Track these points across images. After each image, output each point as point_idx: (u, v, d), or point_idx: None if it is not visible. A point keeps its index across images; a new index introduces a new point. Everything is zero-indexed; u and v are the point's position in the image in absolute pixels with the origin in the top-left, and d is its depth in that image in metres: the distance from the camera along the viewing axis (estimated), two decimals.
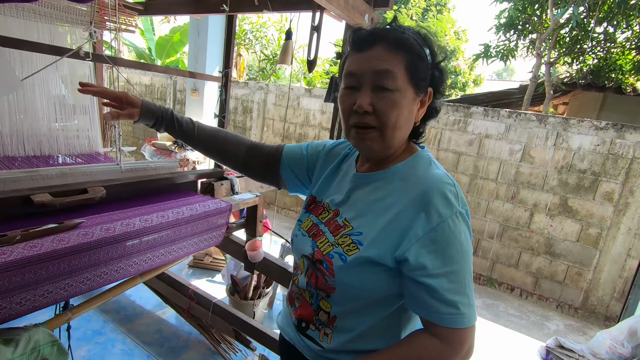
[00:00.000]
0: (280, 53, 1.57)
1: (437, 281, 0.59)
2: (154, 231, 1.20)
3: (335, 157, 0.83)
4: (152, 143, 3.35)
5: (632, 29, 5.29)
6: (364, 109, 0.62)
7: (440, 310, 0.60)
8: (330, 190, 0.78)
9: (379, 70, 0.61)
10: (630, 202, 3.05)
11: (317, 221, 0.75)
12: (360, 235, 0.65)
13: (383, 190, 0.68)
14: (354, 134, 0.66)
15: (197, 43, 3.48)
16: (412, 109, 0.65)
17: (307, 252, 0.72)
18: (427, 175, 0.65)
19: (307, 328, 0.74)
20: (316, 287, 0.70)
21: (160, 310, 2.27)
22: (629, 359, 1.76)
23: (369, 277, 0.64)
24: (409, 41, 0.63)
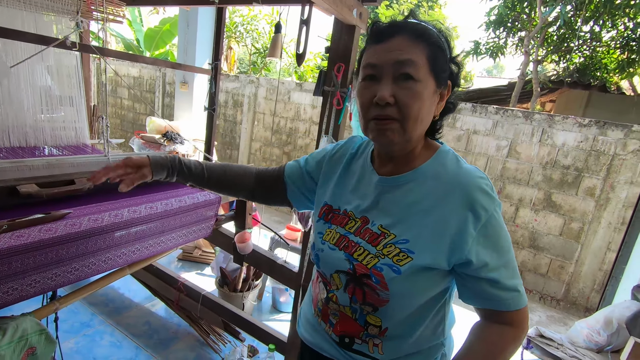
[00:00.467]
0: (270, 46, 1.57)
1: (498, 273, 0.61)
2: (143, 222, 1.21)
3: (340, 160, 0.79)
4: (140, 136, 3.32)
5: (617, 29, 5.40)
6: (385, 100, 0.60)
7: (505, 297, 0.62)
8: (348, 197, 0.74)
9: (401, 60, 0.59)
10: (611, 197, 3.14)
11: (345, 232, 0.70)
12: (407, 243, 0.63)
13: (417, 193, 0.66)
14: (373, 126, 0.63)
15: (187, 35, 3.44)
16: (432, 102, 0.63)
17: (344, 267, 0.68)
18: (461, 172, 0.65)
19: (352, 343, 0.71)
20: (363, 303, 0.67)
21: (149, 303, 2.27)
22: (604, 346, 1.84)
23: (423, 283, 0.64)
24: (429, 31, 0.62)
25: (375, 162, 0.73)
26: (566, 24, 5.39)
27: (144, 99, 6.03)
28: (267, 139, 4.95)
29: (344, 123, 1.42)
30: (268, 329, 1.75)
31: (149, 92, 5.96)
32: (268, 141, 4.94)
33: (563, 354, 1.91)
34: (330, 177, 0.79)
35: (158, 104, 5.84)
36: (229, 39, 7.12)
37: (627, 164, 3.06)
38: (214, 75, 1.71)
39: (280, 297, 2.36)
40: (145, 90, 6.00)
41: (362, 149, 0.79)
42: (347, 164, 0.78)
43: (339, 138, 1.41)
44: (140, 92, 6.07)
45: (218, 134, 5.36)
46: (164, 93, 5.77)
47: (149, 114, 5.92)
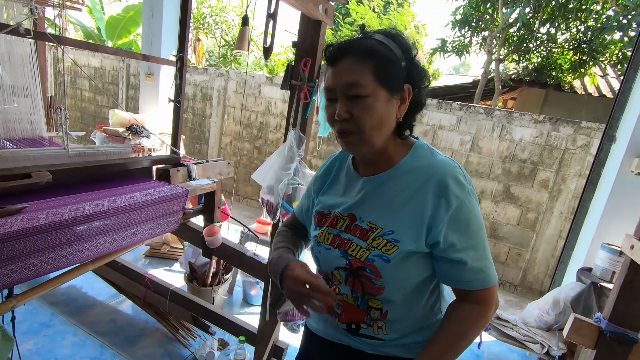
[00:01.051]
0: (237, 39, 1.57)
1: (465, 254, 0.67)
2: (106, 216, 1.18)
3: (329, 172, 0.86)
4: (103, 129, 3.19)
5: (570, 31, 5.75)
6: (342, 117, 0.68)
7: (472, 278, 0.68)
8: (337, 201, 0.80)
9: (348, 82, 0.66)
10: (563, 189, 3.38)
11: (337, 232, 0.76)
12: (393, 234, 0.69)
13: (397, 187, 0.72)
14: (338, 139, 0.72)
15: (152, 25, 3.32)
16: (388, 109, 0.68)
17: (341, 263, 0.74)
18: (435, 162, 0.71)
19: (358, 328, 0.77)
20: (363, 293, 0.73)
21: (114, 300, 2.21)
22: (552, 324, 2.00)
23: (411, 266, 0.70)
24: (374, 48, 0.67)
25: (359, 168, 0.80)
26: (525, 25, 5.68)
27: (106, 90, 5.76)
28: (237, 133, 4.88)
29: (311, 117, 1.45)
30: (238, 321, 1.76)
31: (111, 83, 5.70)
32: (238, 135, 4.88)
33: (517, 334, 2.06)
34: (320, 191, 0.86)
35: (122, 96, 5.60)
36: (197, 31, 6.93)
37: (576, 158, 3.31)
38: (179, 67, 1.68)
39: (251, 290, 2.37)
40: (108, 81, 5.73)
41: (345, 157, 0.86)
42: (336, 173, 0.85)
43: (306, 131, 1.44)
44: (103, 83, 5.79)
45: (186, 128, 5.22)
46: (128, 85, 5.54)
47: (112, 107, 5.66)
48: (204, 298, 2.02)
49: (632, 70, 2.23)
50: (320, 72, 1.41)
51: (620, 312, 1.24)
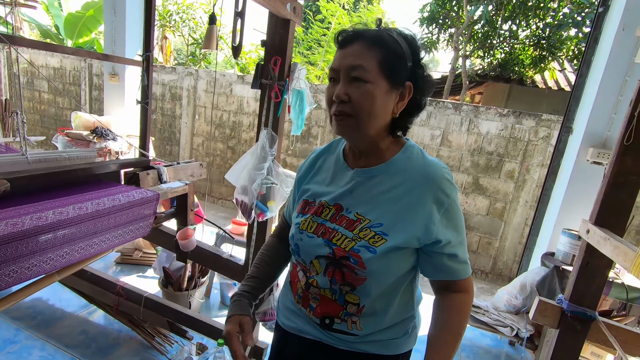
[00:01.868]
0: (205, 38, 1.54)
1: (456, 249, 0.72)
2: (71, 224, 1.13)
3: (313, 165, 0.86)
4: (65, 133, 3.04)
5: (530, 28, 6.03)
6: (340, 98, 0.68)
7: (459, 269, 0.74)
8: (323, 190, 0.80)
9: (353, 65, 0.68)
10: (527, 179, 3.55)
11: (321, 220, 0.76)
12: (381, 227, 0.71)
13: (389, 182, 0.73)
14: (333, 122, 0.72)
15: (114, 22, 3.19)
16: (386, 100, 0.69)
17: (324, 252, 0.74)
18: (426, 163, 0.74)
19: (332, 323, 0.77)
20: (343, 283, 0.73)
21: (84, 311, 2.12)
22: (520, 308, 2.11)
23: (396, 261, 0.72)
24: (384, 38, 0.69)
25: (348, 159, 0.81)
26: (488, 22, 5.90)
27: (67, 92, 5.48)
28: (209, 134, 4.79)
29: (283, 116, 1.45)
30: (216, 324, 1.74)
31: (73, 84, 5.43)
32: (211, 135, 4.79)
33: (488, 319, 2.16)
34: (304, 182, 0.86)
35: (85, 97, 5.34)
36: (164, 28, 6.72)
37: (538, 149, 3.48)
38: (145, 67, 1.63)
39: (228, 292, 2.35)
40: (69, 82, 5.45)
41: (333, 148, 0.86)
42: (321, 163, 0.85)
43: (279, 130, 1.44)
44: (63, 84, 5.51)
45: (156, 130, 5.06)
46: (91, 86, 5.29)
47: (74, 109, 5.40)
48: (180, 303, 1.98)
49: (585, 66, 2.37)
50: (291, 71, 1.41)
51: (579, 292, 1.32)
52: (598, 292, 1.32)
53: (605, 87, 2.17)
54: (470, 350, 2.34)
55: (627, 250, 1.03)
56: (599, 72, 2.21)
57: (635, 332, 1.27)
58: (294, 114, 1.43)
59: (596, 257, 1.28)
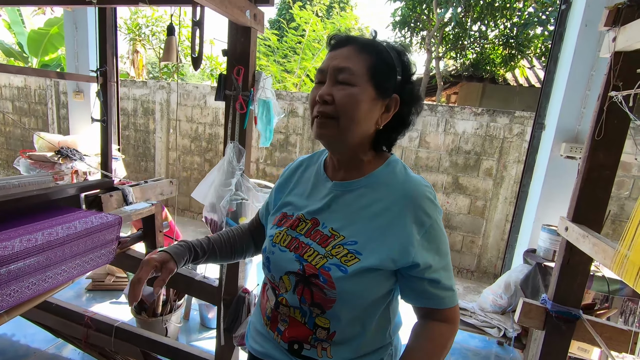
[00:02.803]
0: (164, 50, 1.47)
1: (438, 274, 0.67)
2: (19, 258, 1.03)
3: (294, 174, 0.83)
4: (27, 155, 2.88)
5: (498, 28, 6.19)
6: (323, 98, 0.66)
7: (443, 296, 0.68)
8: (302, 203, 0.77)
9: (341, 67, 0.66)
10: (505, 176, 3.59)
11: (296, 234, 0.72)
12: (355, 245, 0.66)
13: (368, 197, 0.70)
14: (315, 123, 0.69)
15: (76, 38, 3.06)
16: (371, 108, 0.67)
17: (294, 268, 0.69)
18: (409, 179, 0.70)
19: (301, 349, 0.71)
20: (312, 304, 0.68)
21: (51, 346, 1.97)
22: (506, 307, 2.09)
23: (369, 283, 0.67)
24: (377, 46, 0.68)
25: (328, 170, 0.77)
26: (458, 24, 6.03)
27: (33, 112, 5.25)
28: (186, 147, 4.66)
29: (250, 127, 1.39)
30: (194, 350, 1.64)
31: (39, 103, 5.21)
32: (187, 149, 4.67)
33: (475, 321, 2.13)
34: (284, 192, 0.82)
35: (52, 116, 5.13)
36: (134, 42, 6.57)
37: (514, 145, 3.53)
38: (102, 83, 1.54)
39: (208, 313, 2.24)
40: (35, 102, 5.23)
41: (315, 158, 0.83)
42: (301, 173, 0.82)
43: (246, 144, 1.37)
44: (29, 104, 5.28)
45: (129, 146, 4.90)
46: (59, 104, 5.09)
47: (44, 129, 5.17)
48: (155, 330, 1.87)
49: (553, 62, 2.41)
50: (255, 80, 1.35)
51: (562, 291, 1.30)
52: (581, 289, 1.30)
53: (573, 82, 2.20)
54: (459, 353, 2.30)
55: (606, 248, 1.01)
56: (566, 68, 2.24)
57: (620, 328, 1.26)
58: (260, 125, 1.37)
59: (576, 254, 1.26)
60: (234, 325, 1.48)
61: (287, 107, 4.18)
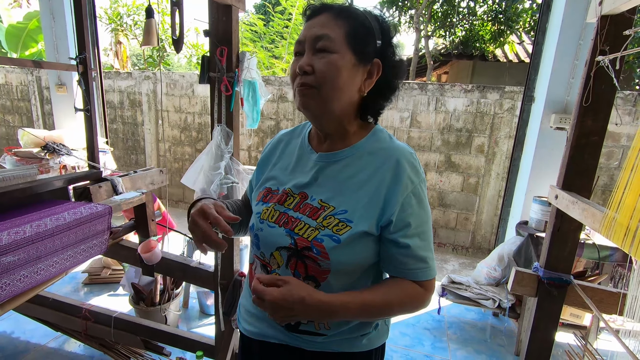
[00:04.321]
0: (144, 33, 1.42)
1: (411, 240, 0.66)
2: (8, 251, 1.02)
3: (276, 148, 0.82)
4: (13, 152, 2.82)
5: (487, 3, 6.11)
6: (303, 69, 0.65)
7: (416, 267, 0.68)
8: (287, 177, 0.76)
9: (319, 35, 0.65)
10: (496, 152, 3.61)
11: (284, 209, 0.71)
12: (345, 213, 0.67)
13: (354, 167, 0.70)
14: (296, 95, 0.68)
15: (54, 29, 2.96)
16: (352, 74, 0.66)
17: (285, 242, 0.69)
18: (393, 146, 0.70)
19: (298, 324, 0.72)
20: (306, 277, 0.68)
21: (50, 340, 1.98)
22: (500, 279, 2.13)
23: (361, 250, 0.67)
24: (352, 11, 0.67)
25: (313, 142, 0.77)
26: (446, 1, 5.94)
27: (16, 109, 5.13)
28: (176, 138, 4.61)
29: (236, 110, 1.37)
30: (194, 336, 1.66)
31: (22, 100, 5.08)
32: (177, 140, 4.61)
33: (471, 294, 2.17)
34: (267, 167, 0.81)
35: (36, 112, 5.02)
36: (116, 33, 6.39)
37: (504, 121, 3.53)
38: (82, 72, 1.49)
39: (207, 300, 2.25)
40: (17, 98, 5.10)
41: (298, 131, 0.82)
42: (284, 146, 0.81)
43: (233, 126, 1.35)
44: (11, 101, 5.15)
45: (118, 139, 4.82)
46: (42, 100, 4.97)
47: (28, 125, 5.06)
48: (154, 319, 1.88)
49: (541, 34, 2.39)
50: (240, 61, 1.32)
51: (553, 258, 1.32)
52: (571, 255, 1.32)
53: (561, 52, 2.19)
54: (457, 326, 2.35)
55: (595, 212, 1.03)
56: (554, 39, 2.23)
57: (609, 291, 1.29)
58: (247, 106, 1.35)
59: (566, 222, 1.28)
60: (232, 309, 1.49)
61: (276, 92, 4.13)
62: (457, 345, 2.16)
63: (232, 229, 0.68)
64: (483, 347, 2.15)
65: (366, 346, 0.75)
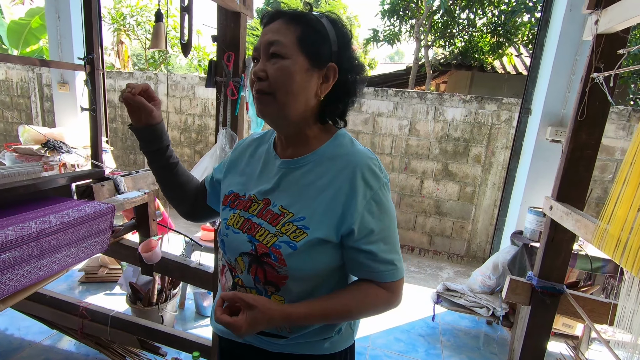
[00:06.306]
0: (152, 36, 1.45)
1: (375, 246, 0.67)
2: (12, 247, 1.03)
3: (245, 151, 0.83)
4: (13, 148, 2.82)
5: (486, 16, 6.21)
6: (257, 74, 0.66)
7: (382, 269, 0.68)
8: (253, 183, 0.76)
9: (271, 40, 0.66)
10: (493, 162, 3.66)
11: (248, 215, 0.72)
12: (303, 220, 0.67)
13: (314, 173, 0.70)
14: (255, 101, 0.69)
15: (59, 27, 2.98)
16: (306, 79, 0.66)
17: (247, 248, 0.70)
18: (353, 151, 0.70)
19: None
20: (265, 282, 0.69)
21: (46, 338, 1.98)
22: (494, 288, 2.16)
23: (319, 257, 0.68)
24: (305, 16, 0.67)
25: (277, 148, 0.77)
26: (447, 11, 6.03)
27: (16, 105, 5.12)
28: (175, 139, 4.62)
29: (241, 114, 1.39)
30: (190, 336, 1.66)
31: (22, 96, 5.08)
32: (177, 141, 4.62)
33: (465, 302, 2.19)
34: (235, 170, 0.82)
35: (36, 109, 5.01)
36: (118, 33, 6.41)
37: (501, 132, 3.59)
38: (90, 72, 1.52)
39: (203, 301, 2.26)
40: (17, 94, 5.10)
41: (267, 136, 0.82)
42: (252, 151, 0.81)
43: (238, 130, 1.38)
44: (11, 97, 5.14)
45: (117, 139, 4.83)
46: (42, 97, 4.97)
47: (27, 122, 5.05)
48: (151, 318, 1.88)
49: (539, 48, 2.45)
50: (246, 66, 1.35)
51: (547, 268, 1.35)
52: (564, 265, 1.35)
53: (558, 67, 2.24)
54: (451, 333, 2.37)
55: (587, 223, 1.06)
56: (551, 54, 2.28)
57: (601, 301, 1.32)
58: (252, 111, 1.38)
59: (560, 232, 1.31)
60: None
61: None
62: (450, 352, 2.18)
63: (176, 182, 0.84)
64: (476, 355, 2.18)
65: (328, 349, 0.76)
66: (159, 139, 0.82)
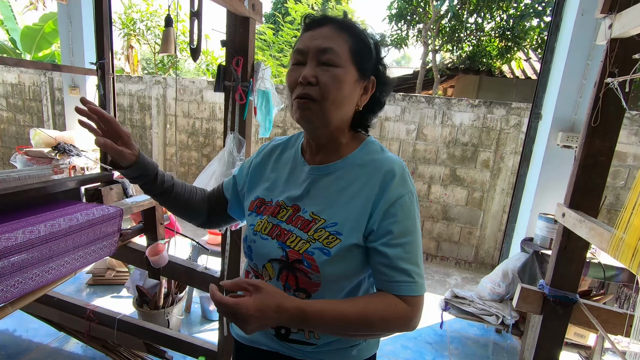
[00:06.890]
0: (162, 41, 1.46)
1: (393, 250, 0.64)
2: (21, 250, 1.04)
3: (270, 156, 0.81)
4: (24, 151, 2.86)
5: (495, 20, 6.18)
6: (307, 79, 0.64)
7: (396, 279, 0.64)
8: (280, 188, 0.76)
9: (324, 47, 0.65)
10: (502, 167, 3.61)
11: (277, 221, 0.72)
12: (336, 226, 0.67)
13: (345, 179, 0.70)
14: (296, 106, 0.67)
15: (71, 32, 3.03)
16: (353, 90, 0.67)
17: (277, 255, 0.69)
18: (383, 158, 0.71)
19: (288, 333, 0.72)
20: (297, 289, 0.68)
21: (53, 340, 1.98)
22: (504, 295, 2.12)
23: (351, 263, 0.67)
24: (356, 27, 0.68)
25: (306, 154, 0.76)
26: (455, 16, 6.01)
27: (28, 108, 5.21)
28: (183, 143, 4.65)
29: (249, 118, 1.39)
30: (196, 341, 1.66)
31: (34, 100, 5.16)
32: (185, 144, 4.65)
33: (474, 309, 2.16)
34: (260, 176, 0.81)
35: (47, 113, 5.09)
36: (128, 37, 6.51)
37: (510, 137, 3.55)
38: (101, 76, 1.54)
39: (209, 305, 2.25)
40: (29, 98, 5.19)
41: (292, 141, 0.82)
42: (278, 156, 0.81)
43: (245, 134, 1.38)
44: (23, 100, 5.23)
45: None
46: (54, 100, 5.05)
47: (38, 126, 5.13)
48: (157, 322, 1.88)
49: (549, 52, 2.42)
50: (254, 71, 1.36)
51: (559, 276, 1.32)
52: (577, 274, 1.32)
53: (570, 72, 2.21)
54: (459, 341, 2.34)
55: (602, 232, 1.03)
56: (562, 58, 2.25)
57: (615, 311, 1.28)
58: (260, 115, 1.38)
59: (573, 240, 1.28)
60: None
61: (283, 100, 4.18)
62: None
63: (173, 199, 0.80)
64: None
65: (356, 357, 0.75)
66: (143, 171, 0.77)
